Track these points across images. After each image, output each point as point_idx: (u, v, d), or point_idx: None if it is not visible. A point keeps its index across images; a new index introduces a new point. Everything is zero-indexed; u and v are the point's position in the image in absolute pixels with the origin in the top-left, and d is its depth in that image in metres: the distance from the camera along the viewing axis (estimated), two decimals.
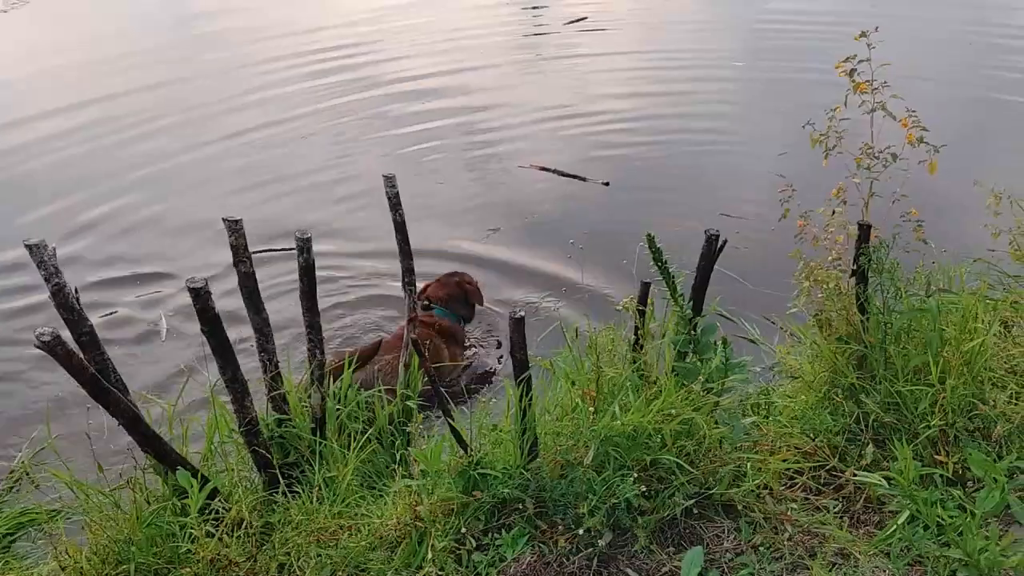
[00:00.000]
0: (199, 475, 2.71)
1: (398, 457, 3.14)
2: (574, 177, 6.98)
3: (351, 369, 3.32)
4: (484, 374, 4.59)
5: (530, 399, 2.53)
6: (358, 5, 13.44)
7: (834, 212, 3.19)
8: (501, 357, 4.73)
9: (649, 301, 2.89)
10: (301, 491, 2.90)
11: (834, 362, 3.11)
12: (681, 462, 2.56)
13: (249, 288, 2.90)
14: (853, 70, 3.03)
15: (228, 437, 3.01)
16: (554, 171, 7.10)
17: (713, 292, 2.99)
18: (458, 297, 4.64)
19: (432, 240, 5.82)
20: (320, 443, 3.05)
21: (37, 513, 3.31)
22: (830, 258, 3.24)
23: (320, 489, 2.85)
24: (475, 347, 4.83)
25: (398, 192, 3.35)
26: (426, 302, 4.54)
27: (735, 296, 4.94)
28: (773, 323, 4.16)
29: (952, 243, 3.42)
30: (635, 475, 2.48)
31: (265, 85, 9.78)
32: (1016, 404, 2.97)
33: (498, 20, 12.47)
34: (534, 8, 13.29)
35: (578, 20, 11.88)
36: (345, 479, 2.89)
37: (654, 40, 11.08)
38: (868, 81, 3.01)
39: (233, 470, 2.97)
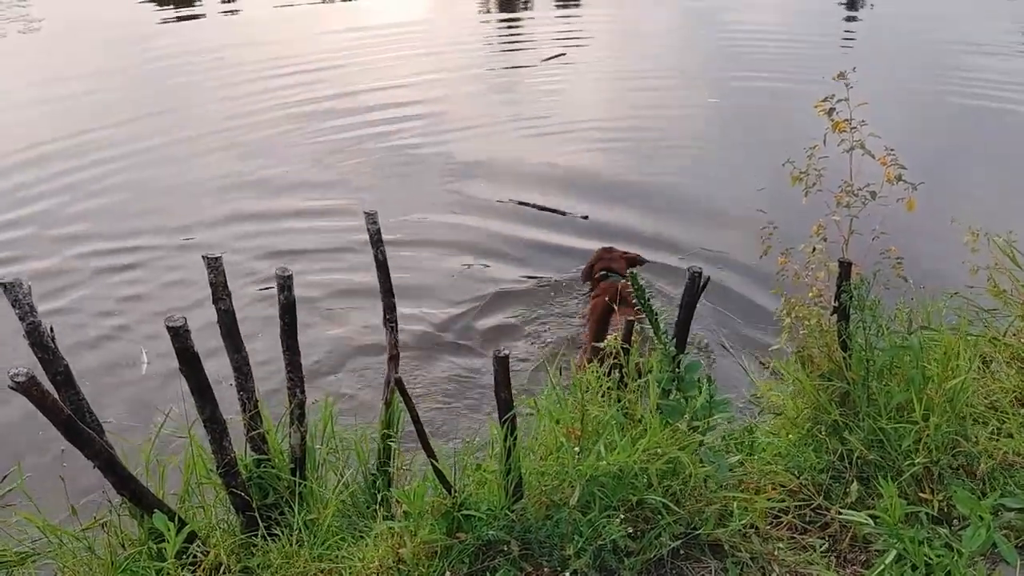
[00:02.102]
0: (176, 518, 2.65)
1: (379, 498, 3.08)
2: (553, 211, 7.01)
3: None
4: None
5: (515, 439, 2.51)
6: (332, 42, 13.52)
7: (814, 249, 3.21)
8: None
9: (634, 338, 2.88)
10: (281, 533, 2.84)
11: (816, 399, 3.11)
12: (667, 502, 2.54)
13: (228, 326, 2.86)
14: (832, 109, 3.06)
15: (206, 478, 2.94)
16: (533, 205, 7.12)
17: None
18: (620, 267, 5.32)
19: (410, 272, 5.82)
20: (300, 484, 3.00)
21: (6, 556, 3.22)
22: (810, 294, 3.26)
23: (300, 531, 2.79)
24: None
25: (379, 229, 3.32)
26: (604, 272, 5.35)
27: (719, 330, 5.00)
28: (761, 362, 4.17)
29: (931, 279, 3.45)
30: (622, 516, 2.45)
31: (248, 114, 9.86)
32: (997, 440, 2.98)
33: (475, 56, 12.58)
34: (511, 44, 13.42)
35: (556, 56, 12.00)
36: (326, 521, 2.83)
37: (630, 74, 11.21)
38: (847, 120, 3.04)
39: (211, 511, 2.91)
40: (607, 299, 4.67)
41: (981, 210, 5.73)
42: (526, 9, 16.46)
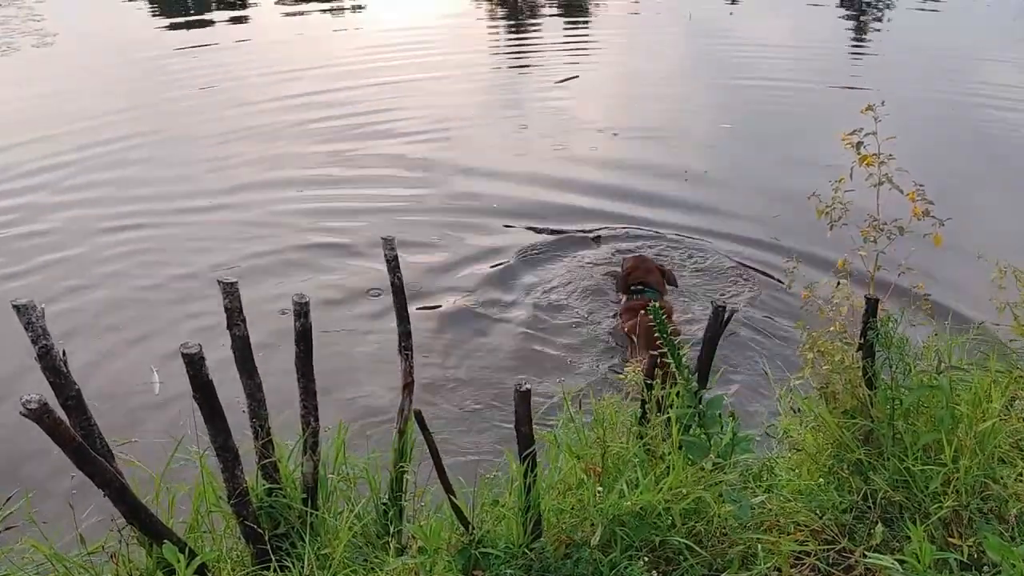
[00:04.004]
0: (187, 549, 2.59)
1: (391, 530, 3.02)
2: (564, 232, 6.97)
3: None
4: None
5: (535, 475, 2.45)
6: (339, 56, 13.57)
7: (839, 284, 3.16)
8: None
9: (656, 373, 2.82)
10: (292, 564, 2.78)
11: (839, 436, 3.04)
12: (691, 543, 2.48)
13: (242, 352, 2.81)
14: (860, 143, 3.02)
15: (216, 506, 2.88)
16: (543, 230, 7.07)
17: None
18: (656, 280, 5.28)
19: (420, 291, 5.80)
20: (311, 514, 2.94)
21: None
22: (831, 328, 3.20)
23: (311, 564, 2.73)
24: None
25: (397, 255, 3.27)
26: (640, 286, 5.26)
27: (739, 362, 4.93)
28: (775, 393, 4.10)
29: (956, 315, 3.39)
30: (645, 557, 2.39)
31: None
32: None
33: (488, 76, 12.60)
34: (524, 64, 13.44)
35: (570, 78, 11.99)
36: (338, 553, 2.77)
37: (642, 96, 11.23)
38: (876, 154, 2.99)
39: (221, 541, 2.85)
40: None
41: (1006, 241, 5.65)
42: (535, 28, 16.52)
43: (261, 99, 10.95)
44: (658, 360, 2.88)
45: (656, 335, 2.76)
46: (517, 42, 15.37)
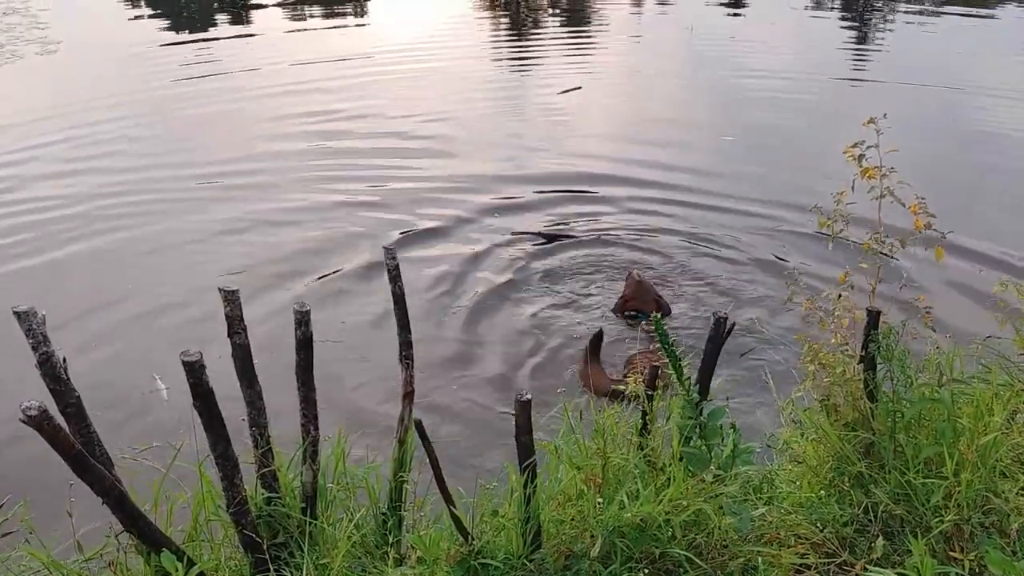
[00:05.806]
0: (185, 558, 2.58)
1: (390, 540, 3.01)
2: (566, 237, 6.98)
3: None
4: None
5: (535, 486, 2.44)
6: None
7: (840, 296, 3.15)
8: None
9: (657, 384, 2.82)
10: (290, 574, 2.77)
11: (840, 448, 3.04)
12: (691, 555, 2.46)
13: (243, 360, 2.81)
14: (861, 155, 3.02)
15: (215, 515, 2.87)
16: (540, 233, 7.09)
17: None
18: (653, 310, 5.44)
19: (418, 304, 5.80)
20: (310, 523, 2.93)
21: None
22: (833, 340, 3.20)
23: (310, 574, 2.72)
24: None
25: (398, 264, 3.27)
26: (634, 312, 5.60)
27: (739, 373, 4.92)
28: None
29: (957, 329, 3.38)
30: (645, 570, 2.38)
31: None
32: None
33: (492, 87, 12.63)
34: (527, 75, 13.48)
35: (573, 89, 12.02)
36: (337, 561, 2.76)
37: (644, 108, 11.26)
38: (878, 167, 2.99)
39: (220, 550, 2.84)
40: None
41: (1007, 251, 5.63)
42: (538, 37, 16.59)
43: (261, 99, 11.28)
44: (659, 371, 2.88)
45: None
46: (519, 51, 15.43)
